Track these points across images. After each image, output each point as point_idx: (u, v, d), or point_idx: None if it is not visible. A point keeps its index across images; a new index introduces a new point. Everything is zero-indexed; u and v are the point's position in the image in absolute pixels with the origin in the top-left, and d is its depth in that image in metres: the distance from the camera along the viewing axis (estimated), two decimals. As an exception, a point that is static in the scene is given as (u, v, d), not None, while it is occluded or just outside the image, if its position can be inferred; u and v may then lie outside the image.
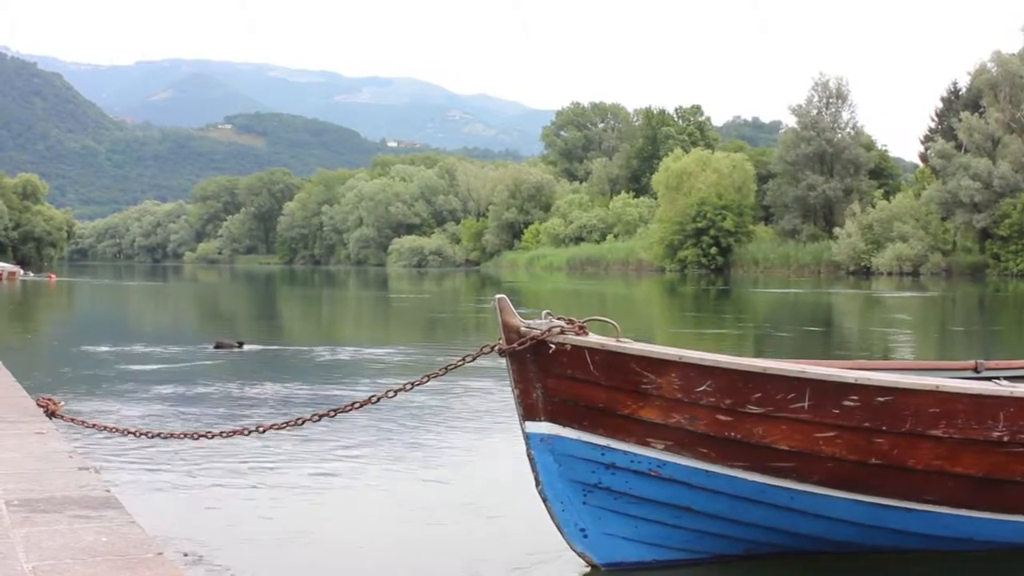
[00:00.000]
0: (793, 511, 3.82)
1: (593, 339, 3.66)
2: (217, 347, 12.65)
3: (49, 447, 4.46)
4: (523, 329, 3.65)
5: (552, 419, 3.73)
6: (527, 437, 3.77)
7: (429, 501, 5.01)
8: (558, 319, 3.68)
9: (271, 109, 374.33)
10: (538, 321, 3.70)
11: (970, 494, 3.85)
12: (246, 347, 12.79)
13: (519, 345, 3.64)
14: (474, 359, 3.94)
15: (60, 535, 2.98)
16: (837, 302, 31.33)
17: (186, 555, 3.99)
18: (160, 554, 2.81)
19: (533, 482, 3.80)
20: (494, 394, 8.45)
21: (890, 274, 57.70)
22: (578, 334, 3.65)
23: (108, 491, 3.62)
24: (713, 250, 68.31)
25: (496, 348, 3.71)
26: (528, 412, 3.74)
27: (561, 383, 3.68)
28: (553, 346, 3.64)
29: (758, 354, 12.24)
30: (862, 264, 60.88)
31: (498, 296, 3.71)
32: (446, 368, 4.07)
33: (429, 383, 4.16)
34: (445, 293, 38.35)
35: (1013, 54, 61.46)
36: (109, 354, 12.39)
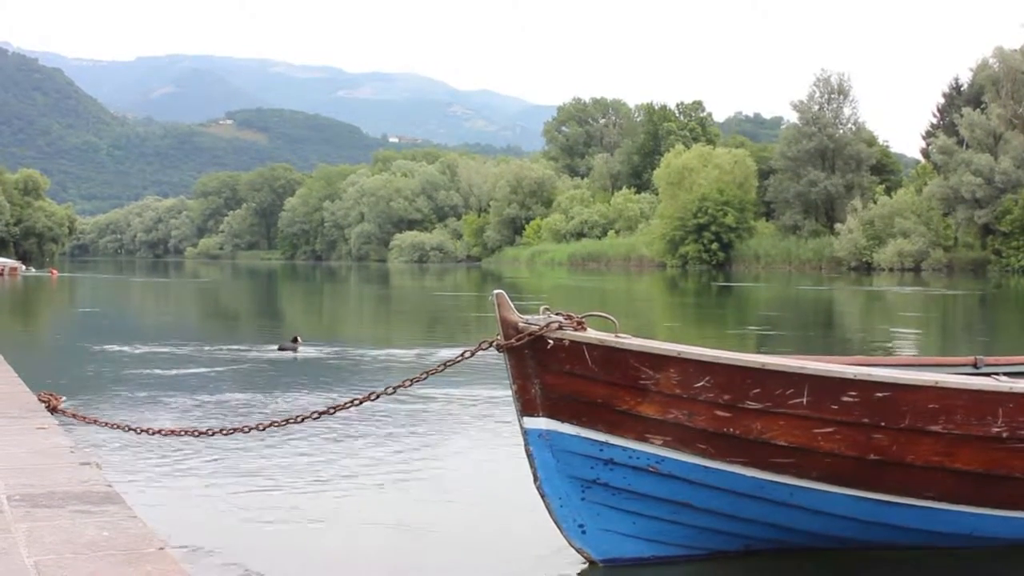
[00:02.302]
0: (792, 507, 3.82)
1: (591, 335, 3.66)
2: (281, 349, 11.92)
3: (51, 442, 4.47)
4: (521, 325, 3.64)
5: (550, 415, 3.72)
6: (525, 433, 3.76)
7: (428, 497, 5.02)
8: (556, 315, 3.68)
9: (272, 105, 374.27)
10: (536, 317, 3.69)
11: (969, 490, 3.84)
12: (300, 348, 11.89)
13: (517, 341, 3.64)
14: (472, 355, 3.94)
15: (62, 530, 2.99)
16: (838, 298, 31.32)
17: (187, 550, 4.00)
18: (161, 549, 2.82)
19: (531, 478, 3.80)
20: (493, 390, 8.45)
21: (891, 270, 57.63)
22: (576, 330, 3.65)
23: (109, 486, 3.63)
24: (714, 246, 68.24)
25: (494, 344, 3.71)
26: (526, 408, 3.74)
27: (559, 379, 3.68)
28: (551, 342, 3.63)
29: (759, 350, 12.25)
30: (863, 260, 60.82)
31: (496, 292, 3.70)
32: (444, 364, 4.07)
33: (429, 379, 4.17)
34: (486, 290, 38.31)
35: (1015, 50, 61.30)
36: (111, 351, 12.40)
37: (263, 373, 10.12)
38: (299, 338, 12.30)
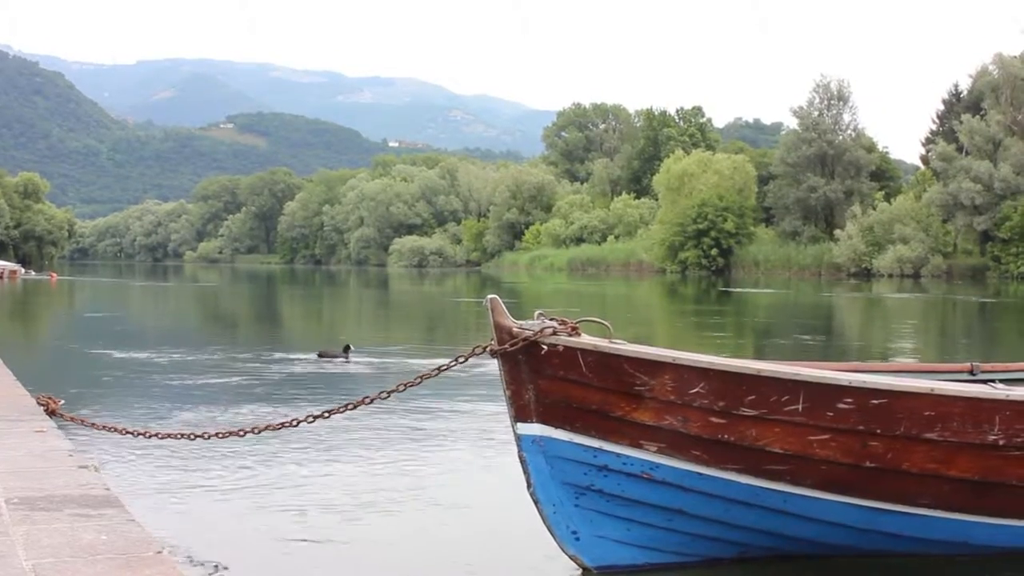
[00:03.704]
0: (787, 514, 3.82)
1: (586, 340, 3.65)
2: (321, 356, 11.39)
3: (49, 445, 4.49)
4: (515, 330, 3.63)
5: (544, 420, 3.71)
6: (519, 439, 3.75)
7: (421, 502, 5.02)
8: (551, 320, 3.67)
9: (273, 109, 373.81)
10: (530, 322, 3.69)
11: (965, 498, 3.85)
12: (352, 356, 11.28)
13: (511, 346, 3.63)
14: (466, 360, 3.94)
15: (60, 533, 3.00)
16: (837, 304, 31.32)
17: (185, 553, 4.01)
18: (159, 552, 2.84)
19: (525, 484, 3.80)
20: (488, 395, 8.46)
21: (891, 276, 57.65)
22: (571, 335, 3.64)
23: (108, 489, 3.64)
24: (714, 251, 68.27)
25: (488, 349, 3.70)
26: (520, 413, 3.73)
27: (553, 384, 3.67)
28: (545, 347, 3.62)
29: (757, 356, 12.25)
30: (863, 266, 60.80)
31: (490, 296, 3.68)
32: (439, 369, 4.08)
33: (425, 384, 4.17)
34: (518, 297, 38.30)
35: (1015, 56, 61.36)
36: (110, 355, 12.38)
37: (274, 381, 10.10)
38: (351, 347, 11.51)
